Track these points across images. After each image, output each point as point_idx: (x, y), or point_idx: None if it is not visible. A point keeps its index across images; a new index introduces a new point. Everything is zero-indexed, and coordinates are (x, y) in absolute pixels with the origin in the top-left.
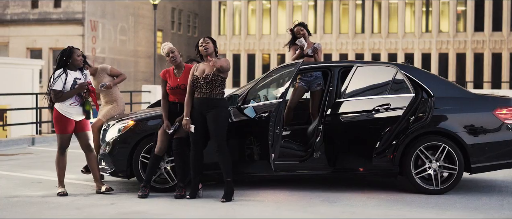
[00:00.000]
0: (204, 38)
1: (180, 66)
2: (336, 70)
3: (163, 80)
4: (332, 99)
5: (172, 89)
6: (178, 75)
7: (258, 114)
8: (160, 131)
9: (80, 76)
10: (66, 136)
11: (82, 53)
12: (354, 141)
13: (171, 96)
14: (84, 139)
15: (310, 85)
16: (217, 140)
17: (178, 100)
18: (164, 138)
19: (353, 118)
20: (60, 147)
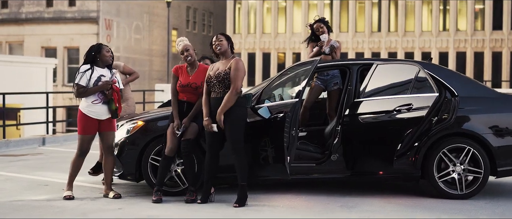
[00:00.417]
0: (217, 35)
1: (194, 64)
2: (355, 68)
3: (174, 76)
4: (350, 98)
5: (183, 87)
6: (191, 73)
7: (273, 115)
8: (169, 131)
9: (107, 74)
10: (87, 138)
11: (111, 50)
12: (373, 143)
13: (181, 94)
14: (107, 140)
15: (327, 84)
16: (232, 142)
17: (186, 99)
18: (173, 137)
19: (373, 119)
20: (79, 149)
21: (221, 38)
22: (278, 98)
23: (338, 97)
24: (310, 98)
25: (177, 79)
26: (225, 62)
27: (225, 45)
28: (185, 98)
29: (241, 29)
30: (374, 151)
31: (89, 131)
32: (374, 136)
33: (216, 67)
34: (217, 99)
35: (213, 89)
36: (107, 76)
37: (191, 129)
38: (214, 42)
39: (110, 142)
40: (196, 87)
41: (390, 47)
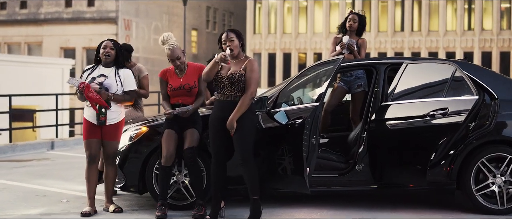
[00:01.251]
0: (228, 33)
1: (183, 66)
2: (382, 68)
3: (163, 81)
4: (377, 102)
5: (175, 90)
6: (180, 75)
7: (291, 120)
8: (164, 137)
9: (110, 75)
10: (91, 142)
11: (112, 45)
12: (403, 152)
13: (174, 98)
14: (106, 149)
15: (350, 85)
16: (241, 151)
17: (181, 101)
18: (169, 144)
19: (403, 124)
20: (87, 155)
21: (232, 37)
22: (297, 102)
23: (363, 100)
24: (332, 101)
25: (166, 84)
26: (237, 62)
27: (237, 45)
28: (180, 100)
29: (261, 29)
30: (404, 161)
31: (92, 135)
32: (404, 144)
33: (227, 68)
34: (227, 103)
35: (222, 91)
36: (109, 77)
37: (193, 136)
38: (224, 42)
39: (110, 152)
40: (190, 88)
41: (413, 47)
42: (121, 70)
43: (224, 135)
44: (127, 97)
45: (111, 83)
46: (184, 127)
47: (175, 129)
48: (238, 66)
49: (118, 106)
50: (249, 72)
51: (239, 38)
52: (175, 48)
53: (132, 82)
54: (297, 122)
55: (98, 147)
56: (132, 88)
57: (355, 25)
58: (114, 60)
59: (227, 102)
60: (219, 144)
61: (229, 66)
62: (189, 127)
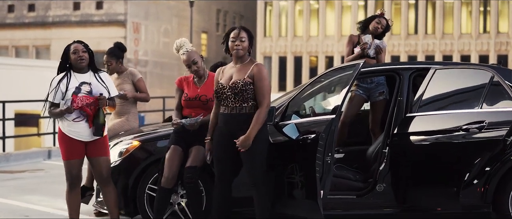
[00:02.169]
0: (239, 31)
1: (204, 75)
2: (407, 74)
3: (178, 89)
4: (401, 113)
5: (190, 100)
6: (199, 84)
7: (302, 135)
8: (168, 155)
9: (92, 81)
10: (73, 164)
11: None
12: (431, 171)
13: (188, 109)
14: (99, 167)
15: (370, 93)
16: (253, 173)
17: (194, 115)
18: (173, 163)
19: (431, 139)
20: (67, 179)
21: (243, 37)
22: (310, 112)
23: (384, 109)
24: (349, 111)
25: (182, 93)
26: (241, 67)
27: (246, 47)
28: (193, 114)
29: (272, 32)
30: (431, 181)
31: (74, 154)
32: (432, 162)
33: (228, 74)
34: (230, 117)
35: (225, 103)
36: (93, 82)
37: (198, 154)
38: (233, 40)
39: (103, 170)
40: (207, 100)
41: (427, 50)
42: (101, 74)
43: (230, 153)
44: (112, 103)
45: (100, 89)
46: (191, 143)
47: (181, 145)
48: (242, 73)
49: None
50: (258, 81)
51: (250, 40)
52: (191, 51)
53: (114, 87)
54: (310, 138)
55: (80, 170)
56: (115, 93)
57: (380, 31)
58: (89, 64)
59: (232, 115)
60: (224, 163)
61: (231, 74)
62: (196, 143)
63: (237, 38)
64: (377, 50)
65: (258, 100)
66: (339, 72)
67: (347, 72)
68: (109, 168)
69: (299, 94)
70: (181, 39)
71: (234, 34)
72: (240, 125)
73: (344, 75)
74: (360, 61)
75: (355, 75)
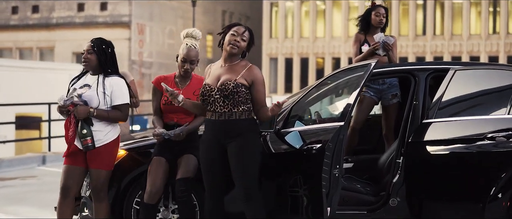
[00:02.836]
0: (245, 29)
1: (187, 75)
2: (423, 76)
3: (157, 91)
4: (416, 118)
5: (171, 104)
6: (181, 85)
7: (307, 145)
8: (150, 168)
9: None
10: (70, 170)
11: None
12: (451, 183)
13: (168, 114)
14: (93, 181)
15: (382, 95)
16: (244, 184)
17: (177, 120)
18: (156, 176)
19: (452, 149)
20: (61, 186)
21: (245, 37)
22: (316, 117)
23: (397, 114)
24: (359, 116)
25: (161, 95)
26: (230, 67)
27: (243, 48)
28: (175, 119)
29: (278, 33)
30: (452, 196)
31: (73, 160)
32: (453, 174)
33: (216, 74)
34: (219, 123)
35: (213, 107)
36: (92, 87)
37: (189, 164)
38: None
39: (96, 184)
40: (190, 103)
41: (435, 51)
42: (109, 79)
43: (219, 163)
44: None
45: (91, 96)
46: (178, 153)
47: (166, 157)
48: (232, 73)
49: (104, 124)
50: (258, 85)
51: (250, 43)
52: (194, 48)
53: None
54: (315, 148)
55: (78, 178)
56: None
57: (384, 21)
58: (99, 66)
59: (221, 122)
60: (214, 175)
61: (219, 74)
62: (185, 152)
63: (240, 34)
64: (386, 47)
65: (259, 104)
66: (348, 73)
67: (357, 73)
68: (105, 184)
69: (303, 98)
70: (196, 29)
71: (238, 30)
72: (230, 133)
73: (354, 76)
74: (372, 60)
75: (367, 76)
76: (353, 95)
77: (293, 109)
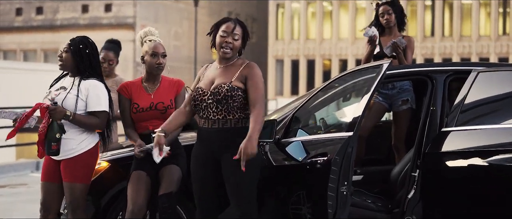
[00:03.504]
0: (234, 25)
1: (158, 76)
2: (441, 78)
3: (124, 98)
4: (434, 126)
5: (143, 112)
6: (150, 90)
7: (311, 157)
8: (130, 184)
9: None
10: (46, 186)
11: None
12: (475, 202)
13: (142, 123)
14: (68, 196)
15: (392, 101)
16: (239, 202)
17: (152, 128)
18: (138, 193)
19: (475, 160)
20: (41, 203)
21: (237, 34)
22: (321, 125)
23: (409, 121)
24: (368, 123)
25: (129, 103)
26: (226, 68)
27: (237, 48)
28: (150, 127)
29: (284, 34)
30: (474, 214)
31: (49, 176)
32: (477, 190)
33: (210, 76)
34: (212, 132)
35: (205, 114)
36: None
37: (172, 177)
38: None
39: (72, 199)
40: (165, 108)
41: (444, 52)
42: (85, 82)
43: (212, 178)
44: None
45: (65, 99)
46: (160, 164)
47: (146, 170)
48: (227, 75)
49: (78, 132)
50: (251, 82)
51: (244, 39)
52: (162, 43)
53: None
54: (320, 161)
55: (55, 194)
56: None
57: (392, 18)
58: (75, 68)
59: (214, 130)
60: (206, 191)
61: (213, 76)
62: (167, 163)
63: (230, 33)
64: (394, 47)
65: (252, 101)
66: (357, 76)
67: (368, 75)
68: (81, 199)
69: (306, 103)
70: (150, 28)
71: (227, 28)
72: (224, 143)
73: (363, 79)
74: (385, 61)
75: (379, 79)
76: (364, 101)
77: (295, 117)
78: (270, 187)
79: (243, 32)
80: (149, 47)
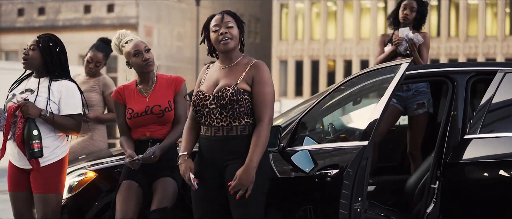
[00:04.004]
0: (222, 16)
1: (150, 75)
2: (463, 79)
3: (118, 104)
4: (456, 133)
5: (138, 117)
6: (146, 92)
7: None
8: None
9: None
10: (15, 196)
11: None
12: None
13: (137, 129)
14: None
15: (407, 104)
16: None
17: (150, 134)
18: (128, 205)
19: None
20: (13, 213)
21: (229, 22)
22: (330, 131)
23: (426, 126)
24: (381, 127)
25: (123, 108)
26: (230, 69)
27: (236, 36)
28: (147, 133)
29: (288, 35)
30: None
31: (17, 185)
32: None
33: (213, 78)
34: (215, 141)
35: (206, 120)
36: (34, 90)
37: (166, 191)
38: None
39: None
40: (162, 111)
41: (450, 53)
42: (56, 83)
43: (215, 192)
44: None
45: (38, 102)
46: (153, 175)
47: (138, 180)
48: (232, 76)
49: (52, 138)
50: (259, 86)
51: (240, 26)
52: (140, 39)
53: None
54: (330, 174)
55: (27, 203)
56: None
57: (412, 15)
58: (44, 67)
59: (218, 139)
60: (207, 205)
61: (217, 78)
62: (162, 175)
63: (221, 24)
64: (410, 46)
65: (257, 113)
66: (373, 76)
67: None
68: (55, 210)
69: (314, 107)
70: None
71: (216, 21)
72: (229, 153)
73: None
74: (406, 60)
75: (399, 81)
76: (380, 106)
77: (302, 122)
78: (274, 200)
79: (235, 20)
80: (129, 48)
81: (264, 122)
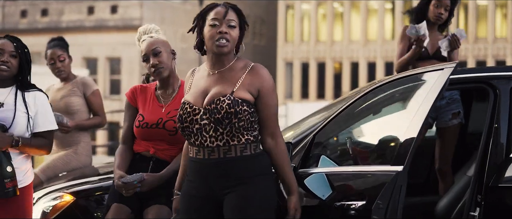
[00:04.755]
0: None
1: (169, 81)
2: (507, 87)
3: (130, 105)
4: (499, 150)
5: (147, 128)
6: (164, 100)
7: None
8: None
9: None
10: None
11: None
12: None
13: (142, 141)
14: None
15: (439, 113)
16: None
17: (154, 152)
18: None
19: None
20: None
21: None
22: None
23: (457, 138)
24: None
25: (134, 112)
26: (221, 75)
27: (235, 39)
28: (152, 150)
29: (294, 36)
30: None
31: None
32: None
33: (201, 86)
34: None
35: (196, 139)
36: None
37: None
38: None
39: None
40: (176, 129)
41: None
42: (30, 94)
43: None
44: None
45: (7, 118)
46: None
47: (130, 204)
48: (226, 83)
49: (23, 160)
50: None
51: (242, 27)
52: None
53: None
54: (355, 206)
55: None
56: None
57: (446, 15)
58: (17, 76)
59: (212, 163)
60: None
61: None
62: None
63: (222, 20)
64: (453, 44)
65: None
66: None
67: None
68: None
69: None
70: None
71: (217, 14)
72: (228, 179)
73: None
74: (450, 64)
75: (442, 89)
76: (418, 120)
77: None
78: None
79: (239, 20)
80: (141, 50)
81: (280, 137)
